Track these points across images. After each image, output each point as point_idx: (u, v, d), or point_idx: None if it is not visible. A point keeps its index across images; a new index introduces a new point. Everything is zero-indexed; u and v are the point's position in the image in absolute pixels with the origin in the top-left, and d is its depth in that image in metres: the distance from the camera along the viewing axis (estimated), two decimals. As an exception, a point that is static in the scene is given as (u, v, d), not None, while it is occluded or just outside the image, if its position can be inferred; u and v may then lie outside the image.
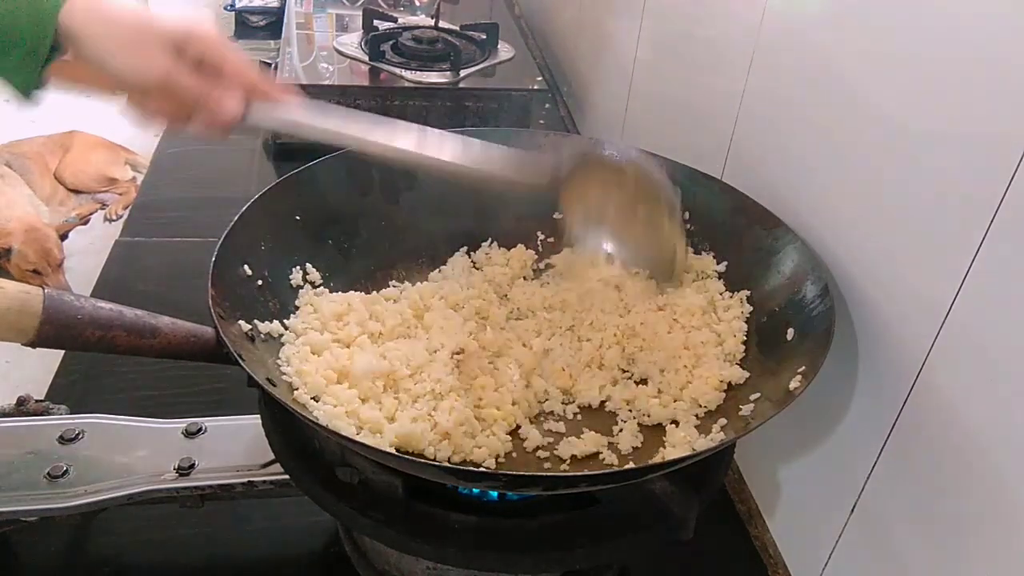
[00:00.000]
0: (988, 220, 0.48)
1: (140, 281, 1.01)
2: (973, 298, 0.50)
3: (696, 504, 0.54)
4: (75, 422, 0.67)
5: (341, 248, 0.75)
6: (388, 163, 0.63)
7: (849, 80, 0.62)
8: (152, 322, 0.57)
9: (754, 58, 0.76)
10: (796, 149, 0.70)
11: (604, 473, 0.55)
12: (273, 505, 0.72)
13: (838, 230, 0.64)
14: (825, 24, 0.66)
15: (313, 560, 0.71)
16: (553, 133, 0.82)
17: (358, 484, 0.56)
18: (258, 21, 1.73)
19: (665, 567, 0.73)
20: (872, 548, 0.61)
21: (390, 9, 1.52)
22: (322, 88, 1.22)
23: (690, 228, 0.75)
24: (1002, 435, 0.48)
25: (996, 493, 0.49)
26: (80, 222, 2.60)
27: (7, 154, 2.56)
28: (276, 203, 0.69)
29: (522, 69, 1.35)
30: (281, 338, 0.65)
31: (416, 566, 0.61)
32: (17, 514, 0.61)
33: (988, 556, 0.50)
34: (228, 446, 0.67)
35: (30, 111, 0.55)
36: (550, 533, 0.55)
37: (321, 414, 0.59)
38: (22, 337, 0.53)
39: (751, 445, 0.78)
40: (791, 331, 0.62)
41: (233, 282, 0.63)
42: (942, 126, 0.53)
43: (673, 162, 0.76)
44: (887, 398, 0.58)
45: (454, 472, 0.52)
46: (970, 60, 0.50)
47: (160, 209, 1.16)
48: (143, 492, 0.63)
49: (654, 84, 1.05)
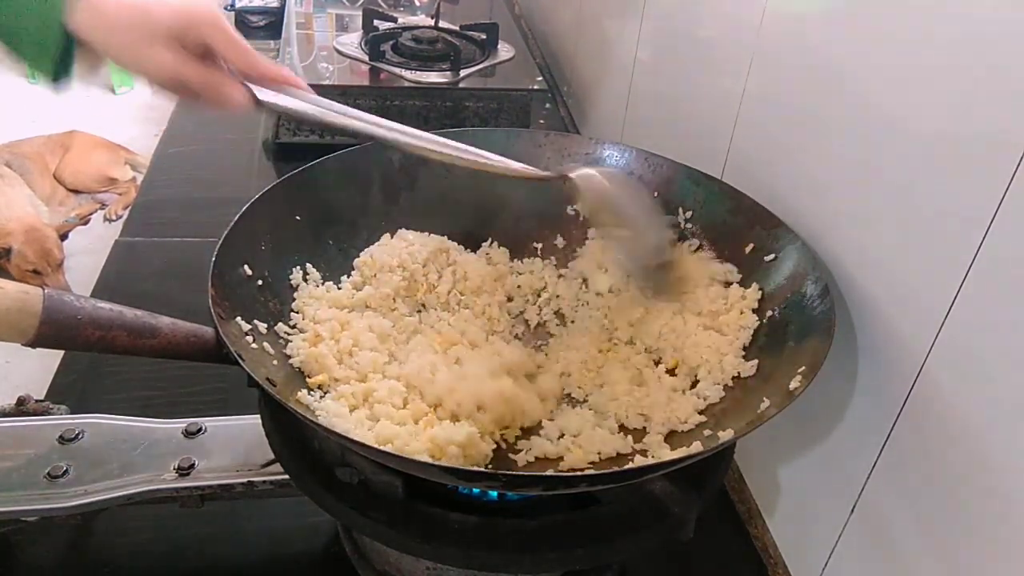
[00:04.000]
0: (988, 220, 0.48)
1: (140, 281, 1.01)
2: (973, 298, 0.50)
3: (696, 504, 0.54)
4: (75, 422, 0.67)
5: (341, 248, 0.75)
6: (396, 147, 0.63)
7: (849, 80, 0.62)
8: (152, 322, 0.57)
9: (754, 58, 0.76)
10: (796, 149, 0.70)
11: (604, 473, 0.55)
12: (273, 505, 0.72)
13: (838, 230, 0.64)
14: (825, 24, 0.66)
15: (313, 560, 0.71)
16: (553, 133, 0.82)
17: (358, 484, 0.56)
18: (258, 21, 1.73)
19: (665, 567, 0.73)
20: (872, 548, 0.61)
21: (390, 9, 1.52)
22: (322, 88, 1.22)
23: (690, 228, 0.75)
24: (1002, 435, 0.48)
25: (996, 493, 0.49)
26: (80, 222, 2.60)
27: (7, 154, 2.56)
28: (276, 203, 0.69)
29: (522, 69, 1.35)
30: (281, 338, 0.65)
31: (416, 566, 0.61)
32: (17, 514, 0.61)
33: (988, 556, 0.50)
34: (228, 446, 0.67)
35: (30, 111, 0.55)
36: (550, 533, 0.55)
37: (322, 414, 0.59)
38: (22, 337, 0.53)
39: (751, 445, 0.78)
40: (791, 331, 0.62)
41: (233, 282, 0.63)
42: (942, 126, 0.53)
43: (673, 162, 0.76)
44: (887, 398, 0.58)
45: (454, 472, 0.52)
46: (970, 60, 0.50)
47: (160, 209, 1.16)
48: (143, 492, 0.63)
49: (654, 84, 1.05)
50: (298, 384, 0.62)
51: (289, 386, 0.61)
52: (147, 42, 0.53)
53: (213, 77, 0.55)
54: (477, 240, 0.80)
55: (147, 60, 0.53)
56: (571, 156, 0.80)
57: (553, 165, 0.80)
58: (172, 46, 0.54)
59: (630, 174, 0.79)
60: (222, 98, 0.56)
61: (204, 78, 0.55)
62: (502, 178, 0.67)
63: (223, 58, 0.56)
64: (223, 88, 0.56)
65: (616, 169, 0.77)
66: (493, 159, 0.64)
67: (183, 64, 0.54)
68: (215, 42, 0.55)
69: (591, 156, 0.80)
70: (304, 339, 0.65)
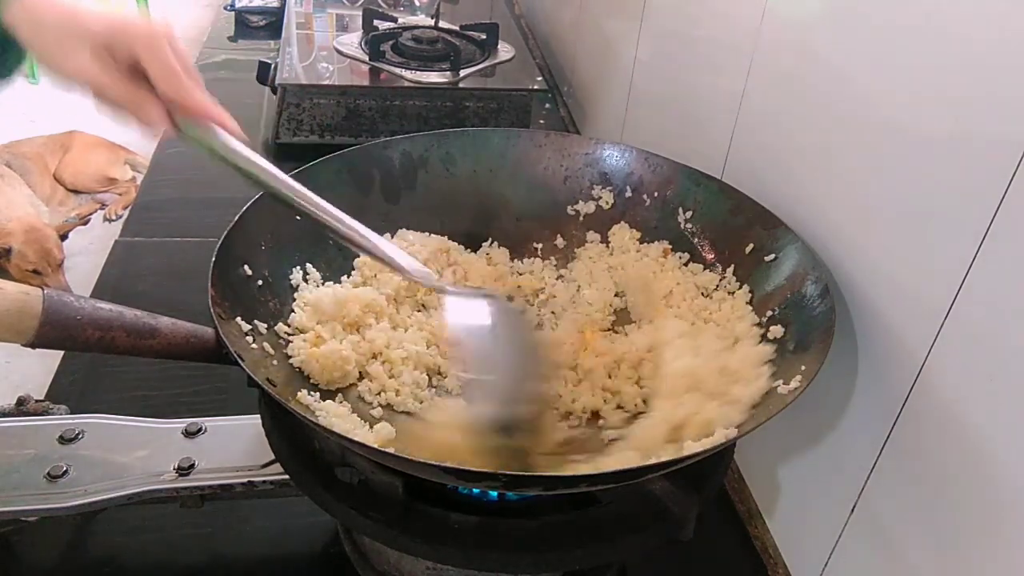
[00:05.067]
0: (988, 220, 0.48)
1: (140, 281, 1.01)
2: (973, 298, 0.50)
3: (696, 504, 0.54)
4: (75, 422, 0.67)
5: (341, 248, 0.75)
6: (305, 214, 0.59)
7: (849, 80, 0.62)
8: (152, 322, 0.57)
9: (754, 58, 0.76)
10: (796, 149, 0.70)
11: (604, 473, 0.55)
12: (273, 505, 0.72)
13: (838, 230, 0.64)
14: (825, 24, 0.65)
15: (313, 560, 0.71)
16: (553, 133, 0.82)
17: (358, 484, 0.56)
18: (258, 21, 1.73)
19: (665, 567, 0.73)
20: (872, 548, 0.61)
21: (390, 9, 1.52)
22: (322, 88, 1.22)
23: (690, 228, 0.75)
24: (1002, 434, 0.48)
25: (996, 492, 0.49)
26: (80, 222, 2.60)
27: (7, 154, 2.56)
28: (276, 203, 0.69)
29: (522, 69, 1.35)
30: (281, 339, 0.65)
31: (416, 566, 0.61)
32: (17, 514, 0.61)
33: (988, 556, 0.50)
34: (228, 446, 0.67)
35: (30, 112, 0.55)
36: (550, 533, 0.55)
37: (321, 414, 0.59)
38: (22, 338, 0.53)
39: (751, 445, 0.78)
40: (791, 331, 0.62)
41: (233, 282, 0.63)
42: (942, 126, 0.53)
43: (673, 162, 0.77)
44: (887, 398, 0.58)
45: (454, 472, 0.52)
46: (970, 60, 0.50)
47: (160, 209, 1.16)
48: (143, 492, 0.63)
49: (654, 84, 1.05)
50: (298, 384, 0.62)
51: (289, 386, 0.61)
52: (73, 45, 0.51)
53: (134, 94, 0.53)
54: (477, 240, 0.80)
55: (69, 63, 0.52)
56: (571, 156, 0.81)
57: (553, 165, 0.81)
58: (99, 55, 0.52)
59: (630, 174, 0.79)
60: (140, 116, 0.53)
61: (124, 93, 0.52)
62: (506, 177, 0.65)
63: (151, 78, 0.53)
64: (143, 106, 0.53)
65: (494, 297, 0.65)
66: (382, 251, 0.60)
67: (105, 74, 0.52)
68: (145, 60, 0.52)
69: (591, 156, 0.80)
70: (305, 340, 0.65)
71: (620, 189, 0.79)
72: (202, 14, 3.57)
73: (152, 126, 0.54)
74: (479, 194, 0.78)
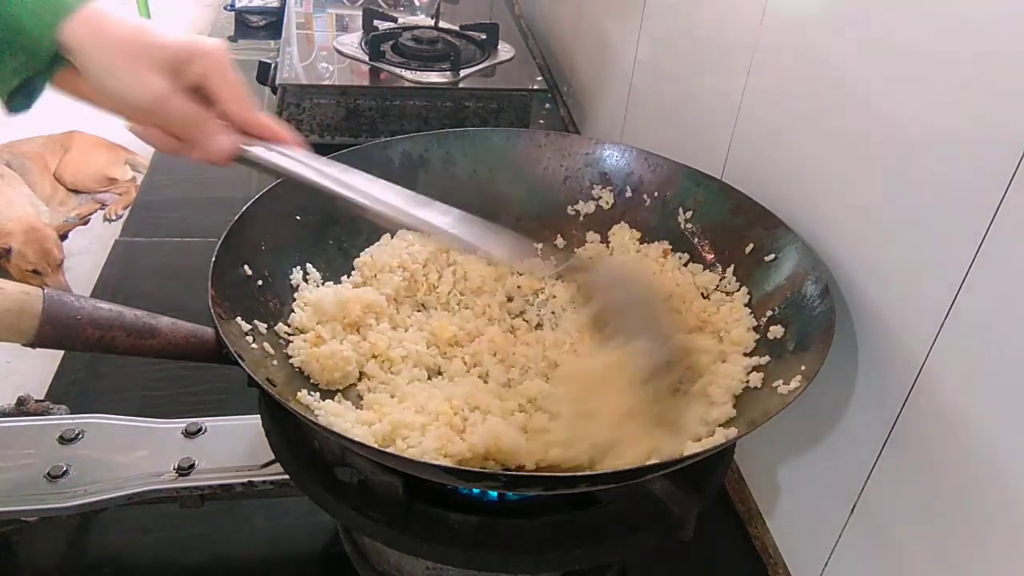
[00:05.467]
0: (988, 220, 0.48)
1: (140, 281, 1.01)
2: (973, 298, 0.50)
3: (696, 504, 0.54)
4: (75, 422, 0.67)
5: (341, 248, 0.75)
6: (380, 221, 0.59)
7: (849, 80, 0.62)
8: (152, 322, 0.57)
9: (754, 58, 0.76)
10: (796, 149, 0.70)
11: (604, 473, 0.55)
12: (273, 505, 0.72)
13: (838, 230, 0.64)
14: (825, 24, 0.66)
15: (313, 560, 0.71)
16: (553, 133, 0.82)
17: (358, 484, 0.56)
18: (258, 21, 1.73)
19: (665, 567, 0.73)
20: (872, 548, 0.61)
21: (390, 9, 1.52)
22: (322, 88, 1.22)
23: (690, 228, 0.75)
24: (1002, 434, 0.48)
25: (996, 492, 0.49)
26: (80, 222, 2.60)
27: (7, 154, 2.56)
28: (276, 203, 0.69)
29: (522, 69, 1.35)
30: (281, 338, 0.65)
31: (416, 566, 0.61)
32: (17, 514, 0.61)
33: (989, 555, 0.50)
34: (228, 446, 0.67)
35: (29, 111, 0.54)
36: (550, 533, 0.55)
37: (321, 414, 0.59)
38: (22, 338, 0.53)
39: (751, 445, 0.78)
40: (791, 331, 0.62)
41: (233, 282, 0.63)
42: (942, 126, 0.53)
43: (673, 162, 0.76)
44: (887, 398, 0.58)
45: (454, 472, 0.52)
46: (970, 60, 0.50)
47: (160, 209, 1.16)
48: (143, 492, 0.63)
49: (654, 84, 1.05)
50: (298, 384, 0.62)
51: (289, 386, 0.61)
52: (141, 62, 0.50)
53: (199, 115, 0.52)
54: (477, 240, 0.80)
55: (135, 80, 0.50)
56: (571, 156, 0.80)
57: (553, 165, 0.81)
58: (166, 73, 0.50)
59: (630, 174, 0.79)
60: (203, 140, 0.53)
61: (190, 113, 0.52)
62: (506, 177, 0.65)
63: (218, 98, 0.52)
64: (206, 127, 0.52)
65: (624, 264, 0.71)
66: (484, 246, 0.60)
67: (173, 95, 0.51)
68: (213, 80, 0.52)
69: (591, 156, 0.80)
70: (305, 340, 0.65)
71: (620, 189, 0.79)
72: (202, 14, 3.58)
73: (213, 147, 0.53)
74: (479, 194, 0.78)
